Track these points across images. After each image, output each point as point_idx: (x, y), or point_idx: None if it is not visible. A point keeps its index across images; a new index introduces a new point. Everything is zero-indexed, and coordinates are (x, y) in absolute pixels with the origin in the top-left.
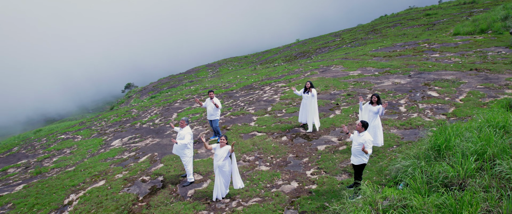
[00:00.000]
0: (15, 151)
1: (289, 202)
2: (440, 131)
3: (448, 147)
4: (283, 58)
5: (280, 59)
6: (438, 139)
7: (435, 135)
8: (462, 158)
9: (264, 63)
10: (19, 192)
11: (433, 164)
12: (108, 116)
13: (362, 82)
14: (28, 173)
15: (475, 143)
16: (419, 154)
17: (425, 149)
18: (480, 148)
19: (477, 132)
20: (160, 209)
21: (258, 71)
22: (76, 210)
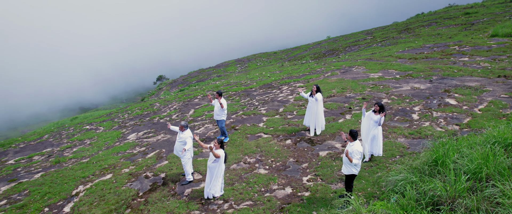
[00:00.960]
0: (44, 139)
1: (279, 208)
2: (439, 145)
3: (444, 163)
4: (312, 55)
5: (309, 57)
6: (435, 153)
7: (434, 148)
8: (456, 176)
9: (292, 59)
10: (36, 180)
11: (427, 180)
12: (132, 108)
13: (380, 85)
14: (49, 161)
15: (471, 161)
16: (414, 167)
17: (421, 163)
18: (477, 166)
19: (479, 148)
20: (156, 206)
21: (283, 69)
22: (81, 201)
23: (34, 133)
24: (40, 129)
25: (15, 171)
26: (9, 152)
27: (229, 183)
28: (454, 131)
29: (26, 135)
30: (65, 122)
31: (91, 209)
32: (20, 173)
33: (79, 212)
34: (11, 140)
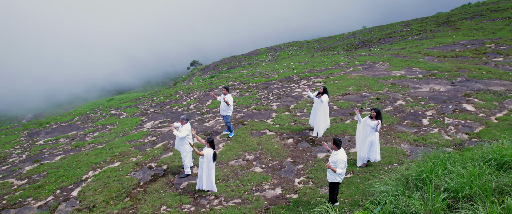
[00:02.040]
0: (74, 121)
1: (265, 209)
2: (428, 159)
3: (429, 178)
4: (344, 46)
5: (341, 47)
6: (421, 167)
7: (423, 161)
8: (435, 193)
9: (324, 50)
10: (55, 163)
11: (407, 194)
12: (157, 94)
13: (399, 85)
14: (70, 145)
15: (454, 179)
16: (399, 179)
17: (407, 175)
18: (458, 185)
19: (470, 165)
20: (152, 197)
21: (313, 59)
22: (88, 186)
23: (70, 113)
24: (80, 107)
25: (41, 152)
26: (41, 132)
27: (224, 179)
28: (461, 140)
29: (65, 114)
30: (102, 102)
31: (95, 195)
32: (44, 154)
33: (84, 197)
34: (50, 118)
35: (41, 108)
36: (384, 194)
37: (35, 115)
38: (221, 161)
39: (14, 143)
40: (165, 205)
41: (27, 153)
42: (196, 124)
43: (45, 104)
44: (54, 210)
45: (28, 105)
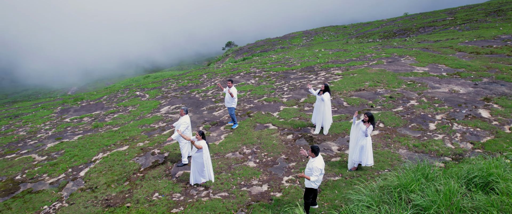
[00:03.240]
0: (102, 100)
1: (247, 204)
2: (410, 171)
3: (403, 192)
4: (382, 34)
5: (377, 35)
6: (399, 179)
7: (404, 172)
8: (401, 209)
9: (360, 36)
10: (73, 142)
11: (375, 207)
12: (182, 77)
13: (418, 83)
14: (91, 125)
15: (429, 195)
16: (376, 189)
17: (384, 186)
18: (427, 203)
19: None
20: (148, 183)
21: (347, 46)
22: (94, 168)
23: (106, 89)
24: (118, 83)
25: (65, 130)
26: (71, 109)
27: (217, 171)
28: (464, 150)
29: (100, 90)
30: (139, 79)
31: (99, 176)
32: (67, 133)
33: (89, 177)
34: (86, 93)
35: (83, 81)
36: (358, 203)
37: (79, 88)
38: (219, 153)
39: (46, 119)
40: (158, 192)
41: (54, 130)
42: (206, 112)
43: (84, 79)
44: (62, 188)
45: (67, 80)
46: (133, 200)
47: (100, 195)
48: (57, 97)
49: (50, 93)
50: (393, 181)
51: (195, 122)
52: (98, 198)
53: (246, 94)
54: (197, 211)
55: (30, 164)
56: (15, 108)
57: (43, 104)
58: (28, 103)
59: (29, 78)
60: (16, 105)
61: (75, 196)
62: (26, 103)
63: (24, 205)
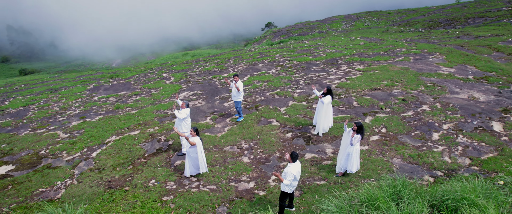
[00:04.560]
0: (131, 80)
1: (230, 200)
2: (384, 186)
3: (368, 207)
4: (426, 23)
5: (421, 24)
6: (368, 193)
7: (377, 187)
8: None
9: (403, 24)
10: (93, 122)
11: None
12: (212, 60)
13: (438, 86)
14: (113, 105)
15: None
16: (345, 201)
17: (352, 199)
18: None
19: (420, 205)
20: (149, 169)
21: (384, 36)
22: (105, 150)
23: (143, 64)
24: (158, 58)
25: (90, 109)
26: (101, 88)
27: (212, 163)
28: (459, 165)
29: (138, 65)
30: (178, 56)
31: (107, 159)
32: (91, 112)
33: (99, 159)
34: (123, 68)
35: (124, 56)
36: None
37: (123, 61)
38: (218, 145)
39: (79, 96)
40: (155, 179)
41: (82, 108)
42: (218, 102)
43: (125, 54)
44: (75, 166)
45: (106, 54)
46: (131, 184)
47: (105, 177)
48: (98, 71)
49: (96, 64)
50: (363, 194)
51: (204, 111)
52: (102, 179)
53: (262, 85)
54: (184, 201)
55: (54, 140)
56: (61, 79)
57: (84, 77)
58: (73, 75)
59: (71, 52)
60: (63, 76)
61: (84, 175)
62: (71, 75)
63: (42, 179)
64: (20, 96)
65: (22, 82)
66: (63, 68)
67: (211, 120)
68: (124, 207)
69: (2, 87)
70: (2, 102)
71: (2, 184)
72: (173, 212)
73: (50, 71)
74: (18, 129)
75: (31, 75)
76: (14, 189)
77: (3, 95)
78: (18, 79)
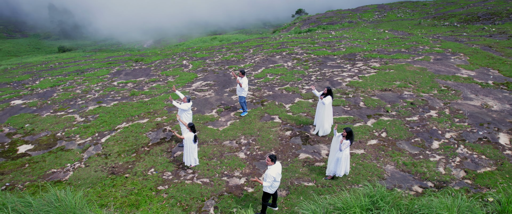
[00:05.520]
0: (152, 65)
1: (219, 194)
2: (362, 195)
3: None
4: (463, 16)
5: (457, 18)
6: (343, 202)
7: (353, 196)
8: None
9: (438, 17)
10: (108, 108)
11: None
12: (234, 47)
13: (452, 90)
14: (130, 91)
15: None
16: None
17: (328, 206)
18: None
19: None
20: (150, 158)
21: (412, 30)
22: (114, 137)
23: (170, 48)
24: (187, 41)
25: (108, 94)
26: (123, 72)
27: (210, 157)
28: (452, 178)
29: (166, 47)
30: (206, 40)
31: (114, 145)
32: (108, 97)
33: (107, 145)
34: (150, 51)
35: (153, 37)
36: None
37: (155, 41)
38: (218, 139)
39: (101, 79)
40: (154, 168)
41: (101, 92)
42: (226, 95)
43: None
44: (85, 150)
45: (133, 36)
46: (132, 172)
47: (110, 162)
48: (127, 52)
49: (128, 44)
50: (338, 201)
51: (212, 103)
52: (107, 165)
53: (274, 79)
54: (176, 191)
55: (71, 123)
56: (92, 59)
57: (113, 58)
58: (103, 55)
59: (103, 32)
60: (94, 57)
61: (91, 159)
62: (102, 55)
63: (55, 160)
64: (50, 77)
65: (57, 60)
66: (98, 47)
67: (217, 113)
68: (122, 193)
69: (39, 65)
70: (34, 82)
71: (20, 162)
72: (165, 202)
73: (86, 49)
74: (41, 110)
75: (68, 53)
76: (30, 168)
77: (37, 74)
78: (56, 56)
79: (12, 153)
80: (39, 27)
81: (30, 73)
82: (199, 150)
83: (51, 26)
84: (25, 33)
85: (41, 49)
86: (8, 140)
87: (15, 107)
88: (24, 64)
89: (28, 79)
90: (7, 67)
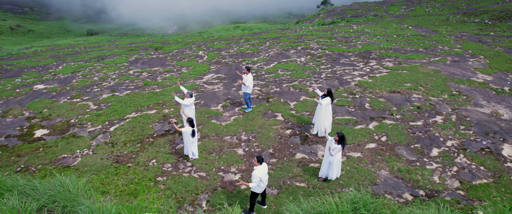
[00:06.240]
0: (170, 54)
1: (213, 189)
2: (345, 200)
3: None
4: (496, 13)
5: (489, 14)
6: (321, 207)
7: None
8: None
9: (469, 14)
10: (120, 97)
11: None
12: (251, 40)
13: (464, 96)
14: (143, 81)
15: None
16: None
17: (311, 208)
18: None
19: None
20: (153, 149)
21: (439, 28)
22: (122, 126)
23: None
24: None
25: (122, 83)
26: (140, 61)
27: (209, 151)
28: (445, 188)
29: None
30: (229, 28)
31: (121, 135)
32: (122, 86)
33: (115, 134)
34: (172, 38)
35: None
36: None
37: (179, 28)
38: (220, 134)
39: (118, 67)
40: (156, 159)
41: (117, 80)
42: (234, 89)
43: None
44: (94, 138)
45: (155, 22)
46: (135, 162)
47: (115, 151)
48: (149, 39)
49: (153, 30)
50: (320, 206)
51: (219, 98)
52: (113, 153)
53: (284, 74)
54: (173, 183)
55: (84, 111)
56: (115, 44)
57: (135, 45)
58: (126, 41)
59: (122, 19)
60: (117, 42)
61: (99, 147)
62: (125, 41)
63: (66, 146)
64: (72, 62)
65: (83, 44)
66: (123, 31)
67: (222, 107)
68: (123, 182)
69: (67, 48)
70: (57, 67)
71: (35, 146)
72: (161, 192)
73: (112, 33)
74: (60, 96)
75: (95, 36)
76: (43, 152)
77: (62, 59)
78: (84, 39)
79: (29, 136)
80: (70, 10)
81: (56, 57)
82: (200, 144)
83: (81, 9)
84: (57, 16)
85: (71, 32)
86: (27, 124)
87: (37, 92)
88: (54, 47)
89: (53, 64)
90: (37, 49)
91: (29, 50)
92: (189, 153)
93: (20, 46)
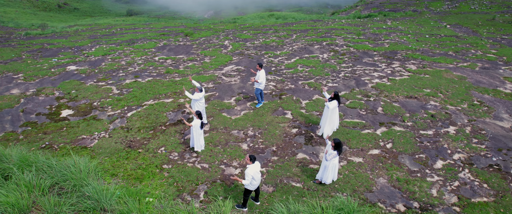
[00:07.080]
0: (196, 42)
1: (212, 181)
2: (330, 207)
3: None
4: None
5: None
6: (305, 212)
7: (325, 207)
8: None
9: None
10: (142, 83)
11: None
12: (279, 30)
13: (485, 107)
14: (165, 69)
15: None
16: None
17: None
18: None
19: None
20: (163, 137)
21: (479, 29)
22: (138, 113)
23: (224, 23)
24: (246, 16)
25: (146, 69)
26: (167, 47)
27: (216, 144)
28: (440, 202)
29: (225, 20)
30: (263, 16)
31: (137, 120)
32: (145, 73)
33: (131, 119)
34: (204, 25)
35: (216, 8)
36: None
37: (215, 12)
38: (228, 127)
39: (145, 53)
40: (164, 147)
41: (142, 66)
42: (250, 83)
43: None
44: (112, 122)
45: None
46: (145, 148)
47: (129, 136)
48: (182, 24)
49: (190, 13)
50: (306, 211)
51: (233, 91)
52: (127, 138)
53: (303, 71)
54: (177, 172)
55: (107, 94)
56: (149, 27)
57: (168, 29)
58: (160, 25)
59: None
60: (152, 25)
61: (115, 131)
62: (158, 25)
63: (86, 127)
64: (104, 45)
65: (120, 25)
66: (161, 13)
67: (235, 101)
68: (132, 166)
69: (105, 29)
70: (91, 48)
71: (60, 125)
72: (164, 180)
73: (150, 14)
74: (87, 78)
75: (134, 17)
76: (66, 131)
77: (97, 40)
78: (123, 19)
79: (56, 115)
80: None
81: (93, 37)
82: (208, 136)
83: None
84: None
85: (113, 11)
86: (56, 104)
87: (69, 73)
88: (94, 26)
89: (87, 45)
90: (78, 28)
91: (71, 29)
92: (196, 145)
93: (64, 24)
